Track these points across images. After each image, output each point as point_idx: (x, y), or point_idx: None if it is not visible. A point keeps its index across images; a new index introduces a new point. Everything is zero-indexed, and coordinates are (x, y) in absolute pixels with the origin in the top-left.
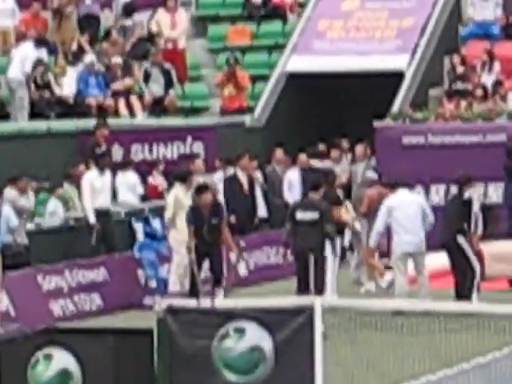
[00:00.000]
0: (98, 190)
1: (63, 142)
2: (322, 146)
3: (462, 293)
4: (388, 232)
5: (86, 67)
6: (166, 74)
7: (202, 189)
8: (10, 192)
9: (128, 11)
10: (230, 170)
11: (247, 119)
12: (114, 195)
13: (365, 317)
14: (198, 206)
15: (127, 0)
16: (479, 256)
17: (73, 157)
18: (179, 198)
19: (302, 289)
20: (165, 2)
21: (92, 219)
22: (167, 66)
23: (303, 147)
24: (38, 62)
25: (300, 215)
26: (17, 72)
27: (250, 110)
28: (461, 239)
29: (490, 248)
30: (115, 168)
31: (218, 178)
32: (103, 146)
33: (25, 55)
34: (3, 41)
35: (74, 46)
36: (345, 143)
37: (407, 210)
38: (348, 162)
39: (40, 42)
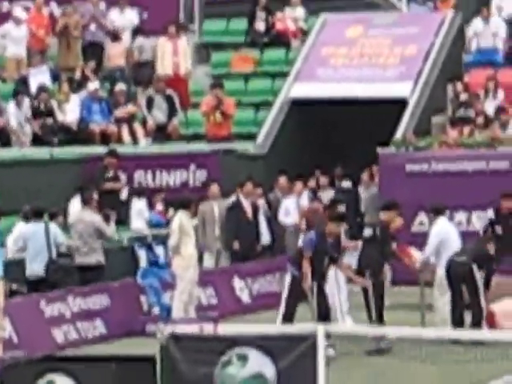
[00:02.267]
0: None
1: (66, 168)
2: (323, 180)
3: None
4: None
5: (90, 94)
6: (169, 100)
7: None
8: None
9: (134, 36)
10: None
11: (250, 146)
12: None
13: (368, 343)
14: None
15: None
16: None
17: (76, 183)
18: (184, 224)
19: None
20: (166, 30)
21: None
22: (170, 92)
23: (301, 175)
24: (41, 89)
25: None
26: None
27: (253, 136)
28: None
29: (501, 306)
30: (130, 194)
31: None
32: (112, 171)
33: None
34: (17, 67)
35: (78, 74)
36: (338, 171)
37: (453, 236)
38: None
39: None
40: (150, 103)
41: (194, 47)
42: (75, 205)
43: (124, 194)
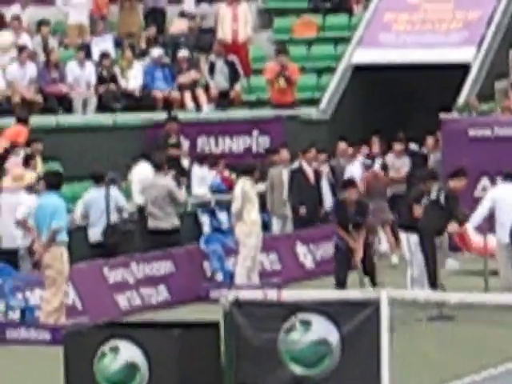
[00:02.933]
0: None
1: (129, 135)
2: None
3: None
4: None
5: (153, 61)
6: (231, 65)
7: (347, 184)
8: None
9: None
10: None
11: (313, 112)
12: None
13: (430, 309)
14: (344, 201)
15: None
16: None
17: (139, 150)
18: (246, 190)
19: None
20: None
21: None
22: (231, 58)
23: (366, 139)
24: (104, 56)
25: None
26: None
27: (316, 102)
28: None
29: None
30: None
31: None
32: (174, 137)
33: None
34: (79, 34)
35: (143, 41)
36: (400, 136)
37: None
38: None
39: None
40: (211, 69)
41: (257, 13)
42: (141, 170)
43: (186, 160)
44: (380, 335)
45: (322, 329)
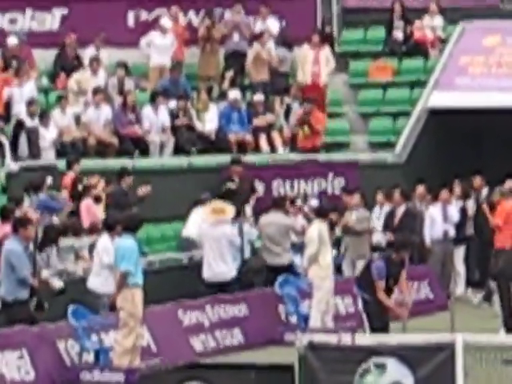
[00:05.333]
0: None
1: (204, 177)
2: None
3: None
4: None
5: (230, 103)
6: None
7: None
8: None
9: (288, 44)
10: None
11: (388, 156)
12: None
13: (506, 353)
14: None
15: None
16: None
17: (213, 192)
18: (322, 233)
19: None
20: (310, 38)
21: None
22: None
23: (445, 183)
24: (180, 98)
25: None
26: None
27: (391, 145)
28: None
29: None
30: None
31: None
32: (236, 180)
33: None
34: (160, 76)
35: (226, 83)
36: (478, 180)
37: None
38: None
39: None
40: (287, 112)
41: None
42: (198, 213)
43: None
44: (455, 379)
45: (397, 372)
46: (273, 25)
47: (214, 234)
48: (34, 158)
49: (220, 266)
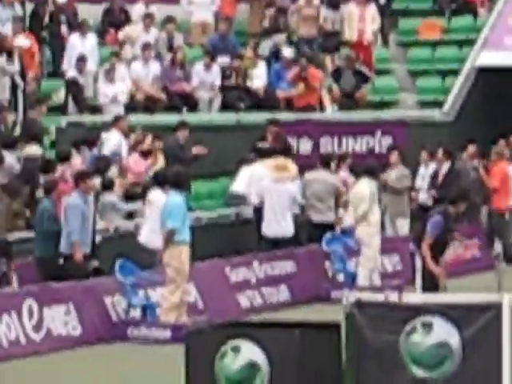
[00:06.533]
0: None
1: (252, 134)
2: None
3: None
4: None
5: (282, 61)
6: (359, 75)
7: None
8: None
9: (333, 4)
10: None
11: (436, 114)
12: None
13: None
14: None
15: None
16: None
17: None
18: (373, 191)
19: None
20: None
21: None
22: (359, 67)
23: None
24: (234, 55)
25: None
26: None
27: (439, 104)
28: None
29: None
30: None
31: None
32: (269, 141)
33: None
34: (203, 32)
35: (269, 41)
36: None
37: None
38: None
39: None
40: (338, 75)
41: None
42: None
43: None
44: (501, 339)
45: (444, 332)
46: None
47: (277, 191)
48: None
49: (280, 223)
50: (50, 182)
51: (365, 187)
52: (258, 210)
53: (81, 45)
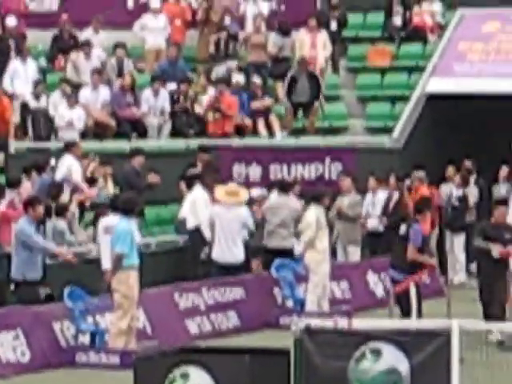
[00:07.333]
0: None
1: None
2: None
3: None
4: None
5: (232, 87)
6: (314, 78)
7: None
8: None
9: (283, 31)
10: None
11: (386, 140)
12: None
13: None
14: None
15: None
16: None
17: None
18: (320, 218)
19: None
20: (306, 22)
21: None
22: (313, 72)
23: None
24: (181, 81)
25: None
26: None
27: (389, 130)
28: None
29: None
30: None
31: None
32: (199, 167)
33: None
34: (157, 58)
35: (221, 67)
36: (468, 164)
37: None
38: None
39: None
40: (292, 83)
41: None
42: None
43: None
44: (451, 365)
45: (393, 358)
46: (263, 7)
47: (227, 216)
48: (38, 140)
49: (231, 249)
50: None
51: (311, 214)
52: (194, 234)
53: (22, 70)
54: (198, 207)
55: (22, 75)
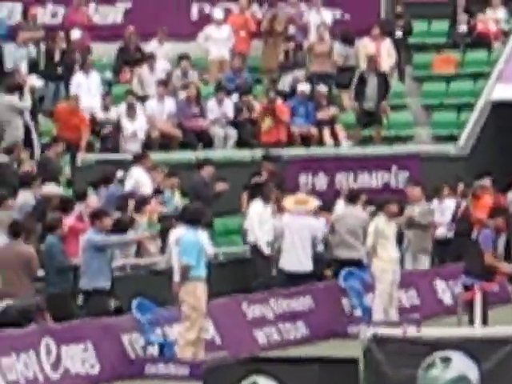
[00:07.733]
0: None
1: None
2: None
3: None
4: None
5: (298, 96)
6: (383, 78)
7: None
8: None
9: (348, 40)
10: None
11: (451, 148)
12: None
13: None
14: None
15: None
16: None
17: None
18: (379, 227)
19: None
20: (369, 31)
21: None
22: (383, 71)
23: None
24: (243, 93)
25: None
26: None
27: (454, 138)
28: None
29: None
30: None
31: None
32: (263, 176)
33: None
34: (220, 68)
35: (289, 78)
36: None
37: None
38: None
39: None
40: (360, 85)
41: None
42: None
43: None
44: None
45: (462, 366)
46: (327, 16)
47: (296, 225)
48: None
49: (300, 257)
50: (54, 220)
51: (372, 223)
52: (253, 248)
53: (85, 83)
54: (255, 223)
55: (84, 88)
